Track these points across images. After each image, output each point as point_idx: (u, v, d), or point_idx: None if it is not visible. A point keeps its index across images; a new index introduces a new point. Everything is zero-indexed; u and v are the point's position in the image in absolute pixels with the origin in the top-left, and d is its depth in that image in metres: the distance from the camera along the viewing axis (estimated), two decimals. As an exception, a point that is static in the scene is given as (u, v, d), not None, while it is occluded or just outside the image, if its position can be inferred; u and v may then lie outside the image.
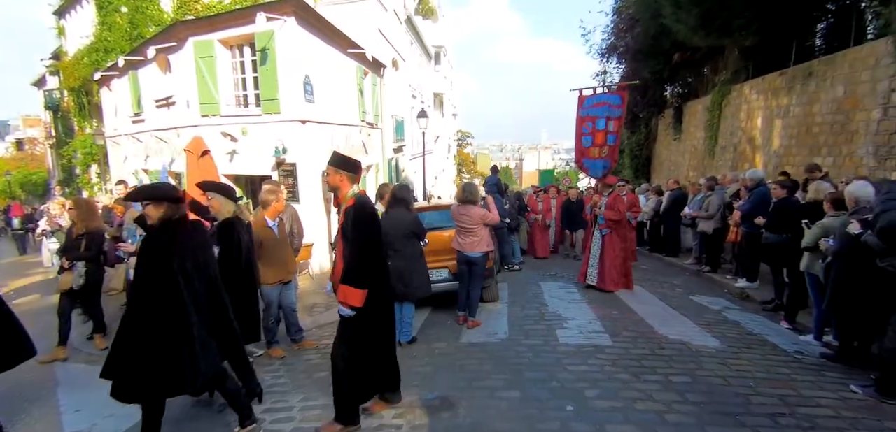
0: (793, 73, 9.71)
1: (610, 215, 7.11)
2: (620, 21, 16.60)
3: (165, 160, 11.60)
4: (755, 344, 4.90)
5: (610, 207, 7.18)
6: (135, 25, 15.46)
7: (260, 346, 5.27)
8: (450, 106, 38.39)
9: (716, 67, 13.78)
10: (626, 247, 7.57)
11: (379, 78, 14.90)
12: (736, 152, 12.06)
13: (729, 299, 6.84)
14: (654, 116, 18.26)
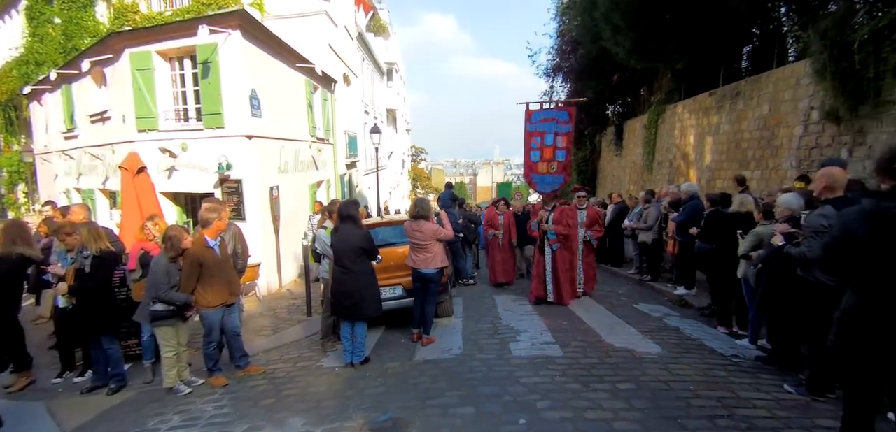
0: (721, 92, 10.49)
1: (559, 229, 7.07)
2: (564, 43, 17.38)
3: (99, 177, 10.85)
4: (694, 349, 5.15)
5: (558, 221, 7.12)
6: (68, 37, 14.57)
7: (201, 374, 4.98)
8: (403, 122, 38.47)
9: (651, 88, 14.68)
10: (574, 259, 7.53)
11: (330, 93, 14.69)
12: (671, 167, 12.83)
13: (669, 306, 7.19)
14: (598, 133, 19.18)
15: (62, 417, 4.36)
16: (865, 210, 2.31)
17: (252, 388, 4.76)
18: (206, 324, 4.78)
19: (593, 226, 7.81)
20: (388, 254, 5.99)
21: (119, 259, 5.44)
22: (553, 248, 7.11)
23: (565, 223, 7.10)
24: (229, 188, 9.19)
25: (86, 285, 4.70)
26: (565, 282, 7.15)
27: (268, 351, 6.03)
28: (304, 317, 7.39)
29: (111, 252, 4.92)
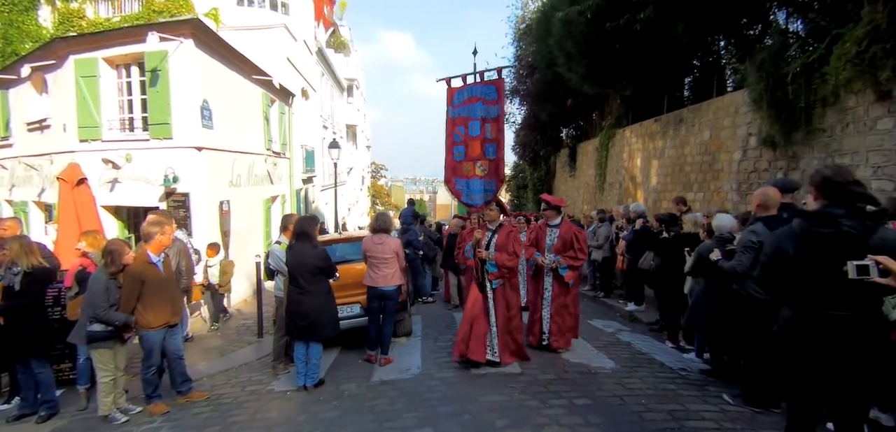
0: (666, 119, 11.09)
1: (502, 260, 5.05)
2: (521, 67, 17.89)
3: (35, 189, 10.05)
4: (645, 364, 5.33)
5: (502, 248, 5.10)
6: (8, 41, 13.64)
7: (138, 402, 4.64)
8: (363, 138, 38.18)
9: (603, 112, 15.34)
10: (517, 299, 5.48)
11: (287, 107, 14.39)
12: (621, 188, 13.38)
13: (621, 322, 7.42)
14: (553, 154, 19.78)
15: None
16: (795, 231, 2.47)
17: (195, 415, 4.48)
18: (145, 346, 4.47)
19: (567, 249, 5.59)
20: (346, 271, 5.86)
21: (53, 276, 5.04)
22: (493, 286, 5.14)
23: (511, 250, 5.11)
24: (175, 202, 8.75)
25: (15, 304, 4.34)
26: (503, 332, 5.17)
27: (214, 376, 5.72)
28: (255, 339, 7.08)
29: (44, 268, 4.56)
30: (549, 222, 5.86)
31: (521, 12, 18.33)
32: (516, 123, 20.66)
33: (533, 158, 20.41)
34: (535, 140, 19.34)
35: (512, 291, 5.30)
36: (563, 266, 5.55)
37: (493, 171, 5.48)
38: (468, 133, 5.56)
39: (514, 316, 5.26)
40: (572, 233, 5.68)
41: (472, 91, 5.57)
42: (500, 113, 5.52)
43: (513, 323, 5.24)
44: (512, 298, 5.26)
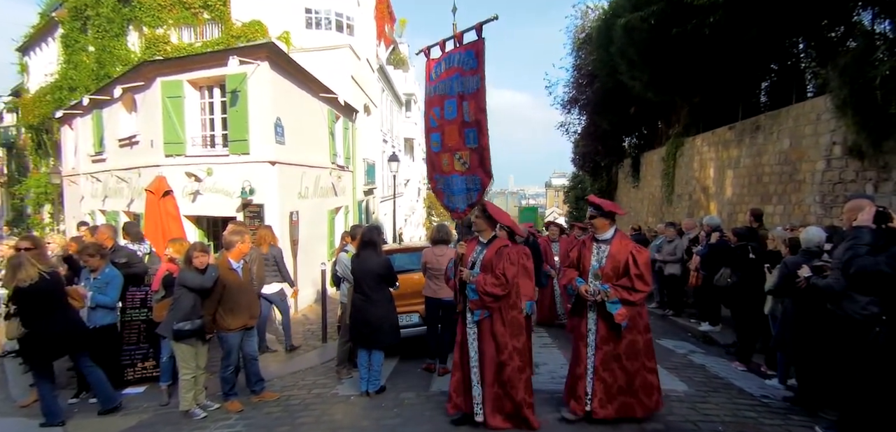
0: (741, 126, 10.40)
1: (485, 284, 3.83)
2: (580, 76, 17.51)
3: (125, 199, 11.14)
4: (722, 388, 4.98)
5: (487, 268, 3.91)
6: (101, 65, 15.19)
7: (216, 399, 4.96)
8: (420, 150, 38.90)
9: (669, 120, 14.63)
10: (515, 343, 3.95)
11: (351, 122, 14.99)
12: (691, 200, 12.65)
13: (693, 342, 6.98)
14: (615, 164, 19.10)
15: (77, 438, 4.33)
16: None
17: (267, 415, 4.72)
18: (225, 346, 4.79)
19: (621, 276, 3.88)
20: (405, 281, 5.95)
21: (136, 280, 5.52)
22: (475, 317, 3.94)
23: (500, 271, 3.83)
24: (251, 212, 9.35)
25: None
26: (492, 384, 3.88)
27: (282, 377, 6.00)
28: (319, 344, 7.37)
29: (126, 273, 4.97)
30: (596, 235, 4.06)
31: (581, 21, 18.00)
32: (576, 133, 20.20)
33: (593, 169, 19.84)
34: (596, 150, 18.79)
35: (507, 326, 3.88)
36: (614, 300, 3.77)
37: (476, 164, 4.22)
38: (444, 115, 4.42)
39: (511, 361, 3.82)
40: (628, 253, 3.87)
41: (450, 60, 4.35)
42: (480, 86, 4.10)
43: (507, 371, 3.81)
44: (505, 336, 3.86)
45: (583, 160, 20.32)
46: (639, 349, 3.87)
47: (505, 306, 3.89)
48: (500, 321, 3.89)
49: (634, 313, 3.83)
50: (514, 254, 3.94)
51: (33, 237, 6.09)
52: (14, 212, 22.55)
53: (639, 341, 3.88)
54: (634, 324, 3.85)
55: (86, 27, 15.67)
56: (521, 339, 3.96)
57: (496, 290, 3.78)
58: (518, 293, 4.01)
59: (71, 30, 16.01)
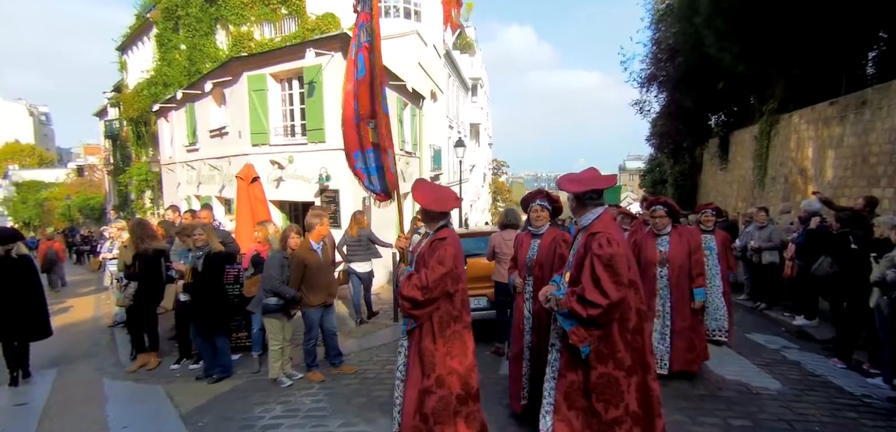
0: (845, 102, 9.28)
1: (404, 288, 3.07)
2: (659, 51, 16.40)
3: (217, 186, 12.18)
4: (819, 387, 4.58)
5: (425, 259, 3.08)
6: (192, 62, 16.50)
7: (300, 369, 5.34)
8: (485, 136, 38.74)
9: (762, 96, 13.33)
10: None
11: (418, 109, 15.24)
12: (787, 183, 11.51)
13: (787, 338, 6.43)
14: (698, 146, 17.75)
15: (179, 400, 4.88)
16: None
17: (345, 386, 5.01)
18: (306, 321, 5.14)
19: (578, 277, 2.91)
20: (472, 265, 6.01)
21: (230, 259, 6.03)
22: (403, 327, 3.22)
23: (431, 266, 2.99)
24: (328, 198, 9.87)
25: (198, 283, 5.23)
26: (412, 415, 3.03)
27: (358, 353, 6.32)
28: (391, 322, 7.66)
29: (220, 253, 5.44)
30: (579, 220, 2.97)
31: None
32: (653, 112, 19.01)
33: (674, 150, 18.51)
34: (677, 130, 17.49)
35: (438, 344, 2.99)
36: (564, 311, 2.74)
37: (384, 134, 3.71)
38: (356, 74, 3.75)
39: (437, 387, 2.95)
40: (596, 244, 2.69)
41: (364, 2, 3.72)
42: (374, 37, 3.47)
43: (431, 401, 2.94)
44: (434, 355, 2.97)
45: (661, 141, 19.03)
46: (619, 391, 2.65)
47: (439, 317, 2.99)
48: (430, 336, 2.98)
49: (594, 337, 2.66)
50: (449, 251, 2.98)
51: (141, 220, 6.87)
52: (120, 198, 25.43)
53: (620, 381, 2.65)
54: (609, 356, 2.67)
55: (177, 27, 17.10)
56: (466, 362, 3.05)
57: (413, 294, 2.93)
58: (465, 303, 3.12)
59: (164, 29, 17.51)
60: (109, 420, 4.53)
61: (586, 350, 2.66)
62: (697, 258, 4.62)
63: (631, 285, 2.64)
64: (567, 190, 2.90)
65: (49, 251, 13.71)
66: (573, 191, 2.87)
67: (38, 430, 4.41)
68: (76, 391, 5.44)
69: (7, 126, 60.80)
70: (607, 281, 2.58)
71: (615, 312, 2.61)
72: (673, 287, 4.60)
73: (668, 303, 4.65)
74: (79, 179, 44.90)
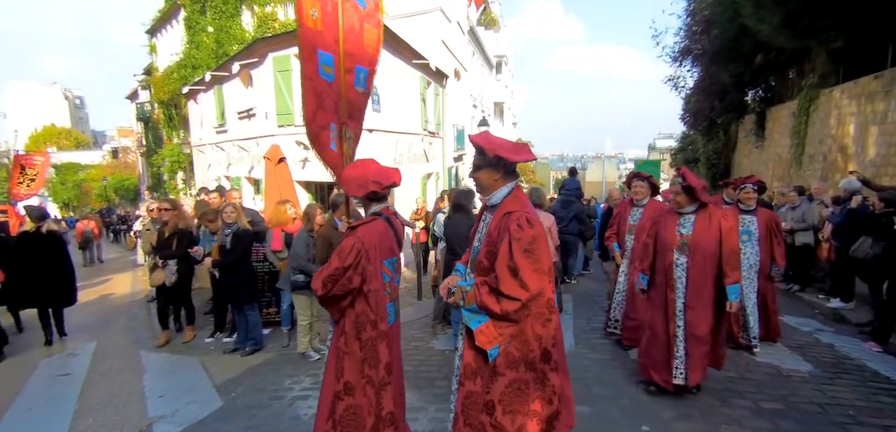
0: (890, 75, 8.78)
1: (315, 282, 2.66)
2: (694, 23, 15.76)
3: (246, 166, 12.44)
4: (853, 370, 4.44)
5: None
6: (220, 44, 16.72)
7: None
8: (510, 115, 38.24)
9: (802, 70, 12.72)
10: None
11: (441, 88, 15.13)
12: (826, 161, 11.03)
13: (821, 320, 6.24)
14: (734, 122, 17.10)
15: (213, 371, 5.07)
16: None
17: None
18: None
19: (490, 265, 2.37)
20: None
21: (259, 237, 6.20)
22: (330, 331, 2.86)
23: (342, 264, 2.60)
24: (351, 178, 9.97)
25: (225, 260, 5.39)
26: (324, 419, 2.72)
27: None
28: (414, 300, 7.75)
29: (248, 231, 5.59)
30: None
31: (697, -39, 16.06)
32: (687, 89, 18.36)
33: (708, 127, 17.86)
34: (712, 106, 16.84)
35: (352, 346, 2.65)
36: (470, 308, 2.30)
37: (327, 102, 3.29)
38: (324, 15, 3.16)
39: (346, 394, 2.63)
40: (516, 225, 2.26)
41: None
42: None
43: (340, 407, 2.63)
44: (345, 358, 2.66)
45: (695, 118, 18.37)
46: (525, 398, 2.27)
47: (355, 316, 2.65)
48: (342, 335, 2.69)
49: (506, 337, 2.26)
50: (350, 243, 2.60)
51: (172, 199, 7.10)
52: (153, 179, 26.23)
53: (530, 385, 2.28)
54: (521, 359, 2.27)
55: (205, 9, 17.28)
56: (377, 376, 2.66)
57: (324, 289, 2.59)
58: (379, 308, 2.66)
59: (192, 12, 17.71)
60: (146, 390, 4.74)
61: (495, 352, 2.25)
62: (731, 245, 3.55)
63: (549, 273, 2.27)
64: (478, 142, 2.36)
65: (86, 230, 14.61)
66: (505, 156, 2.32)
67: (79, 399, 4.67)
68: (115, 362, 5.72)
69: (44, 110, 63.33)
70: (527, 268, 2.17)
71: (533, 305, 2.23)
72: (691, 281, 3.63)
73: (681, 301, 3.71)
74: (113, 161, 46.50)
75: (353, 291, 2.60)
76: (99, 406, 4.46)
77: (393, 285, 2.82)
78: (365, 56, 3.46)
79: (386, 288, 2.72)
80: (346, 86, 3.35)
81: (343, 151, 3.46)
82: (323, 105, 3.24)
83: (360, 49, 3.41)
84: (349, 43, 3.28)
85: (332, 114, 3.35)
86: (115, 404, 4.47)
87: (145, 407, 4.34)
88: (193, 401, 4.35)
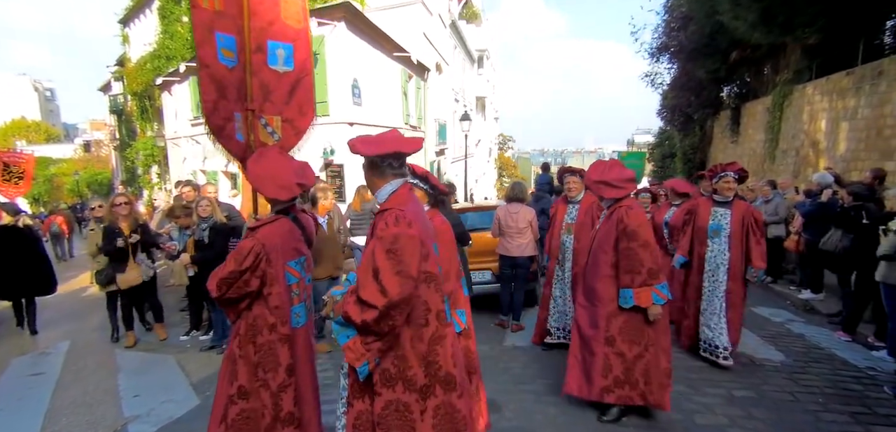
0: (861, 72, 9.07)
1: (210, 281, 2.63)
2: (672, 19, 16.00)
3: (222, 160, 12.19)
4: (823, 359, 4.59)
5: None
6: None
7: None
8: (492, 109, 38.35)
9: (777, 66, 13.04)
10: None
11: (423, 81, 15.06)
12: (798, 156, 11.35)
13: (792, 311, 6.43)
14: (709, 118, 17.48)
15: (189, 369, 4.97)
16: None
17: (351, 357, 5.07)
18: (313, 293, 5.17)
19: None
20: (478, 238, 6.00)
21: (236, 232, 6.06)
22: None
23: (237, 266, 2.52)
24: (333, 172, 9.86)
25: (205, 255, 5.26)
26: None
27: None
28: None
29: (226, 225, 5.46)
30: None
31: (675, -44, 16.26)
32: (664, 85, 18.66)
33: (684, 122, 18.21)
34: (688, 101, 17.17)
35: (246, 349, 2.59)
36: (338, 321, 2.06)
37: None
38: None
39: (239, 397, 2.57)
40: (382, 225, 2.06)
41: None
42: None
43: (233, 411, 2.57)
44: (238, 362, 2.60)
45: (672, 113, 18.70)
46: (409, 421, 2.03)
47: (251, 320, 2.58)
48: (237, 338, 2.62)
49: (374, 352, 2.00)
50: (247, 245, 2.51)
51: (127, 194, 6.90)
52: (127, 173, 25.52)
53: (411, 407, 2.03)
54: (397, 377, 2.03)
55: (179, -2, 16.82)
56: (277, 379, 2.56)
57: (218, 291, 2.53)
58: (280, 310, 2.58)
59: (165, 1, 17.18)
60: (121, 389, 4.61)
61: (364, 370, 2.00)
62: (627, 247, 3.18)
63: (428, 279, 2.02)
64: (359, 151, 2.13)
65: (52, 225, 14.38)
66: (367, 153, 2.12)
67: (52, 399, 4.52)
68: (89, 361, 5.55)
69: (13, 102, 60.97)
70: (388, 271, 1.91)
71: (399, 316, 1.94)
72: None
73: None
74: (86, 155, 45.11)
75: (251, 294, 2.52)
76: (72, 406, 4.32)
77: (302, 285, 2.73)
78: (284, 31, 3.14)
79: (293, 289, 2.64)
80: (255, 66, 3.04)
81: (252, 141, 3.15)
82: (225, 94, 2.98)
83: (277, 24, 3.10)
84: (258, 18, 3.00)
85: (236, 103, 3.06)
86: (88, 404, 4.34)
87: (120, 406, 4.22)
88: (169, 400, 4.25)
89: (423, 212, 2.22)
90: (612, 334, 3.24)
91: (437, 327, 2.05)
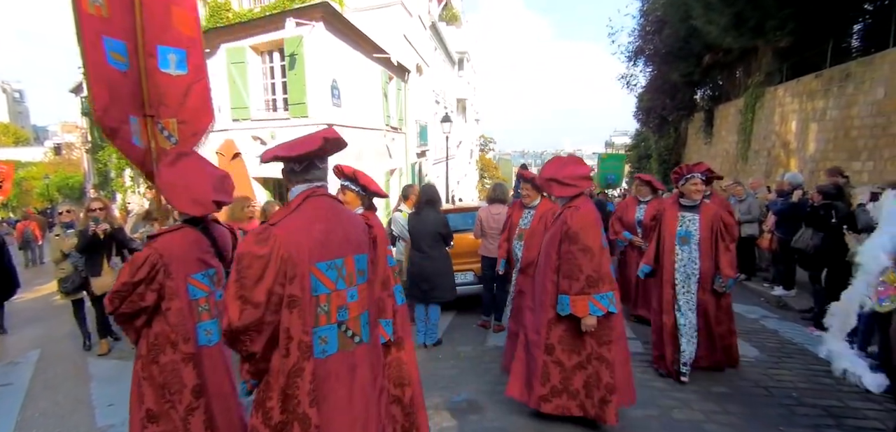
0: (829, 74, 9.39)
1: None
2: (648, 23, 16.34)
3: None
4: (796, 354, 4.71)
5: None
6: (169, 33, 15.88)
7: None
8: (472, 111, 38.48)
9: (749, 69, 13.43)
10: None
11: (403, 83, 15.01)
12: (770, 156, 11.69)
13: (766, 307, 6.59)
14: (684, 120, 17.91)
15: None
16: None
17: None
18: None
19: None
20: (460, 240, 6.00)
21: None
22: None
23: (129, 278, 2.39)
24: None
25: None
26: None
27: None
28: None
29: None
30: None
31: (650, -38, 16.63)
32: (640, 87, 19.05)
33: (659, 124, 18.67)
34: (663, 104, 17.62)
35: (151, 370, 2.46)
36: None
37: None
38: None
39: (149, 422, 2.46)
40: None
41: None
42: None
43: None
44: (142, 384, 2.48)
45: (647, 115, 19.15)
46: None
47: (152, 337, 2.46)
48: (140, 358, 2.51)
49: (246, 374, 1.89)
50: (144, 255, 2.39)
51: (101, 198, 6.70)
52: (100, 177, 24.74)
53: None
54: (258, 405, 1.90)
55: (153, -3, 16.40)
56: (183, 403, 2.45)
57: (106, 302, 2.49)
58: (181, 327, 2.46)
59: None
60: (94, 398, 4.46)
61: (242, 387, 1.94)
62: (567, 250, 3.03)
63: (291, 303, 1.75)
64: (268, 158, 1.92)
65: (25, 231, 13.96)
66: (265, 161, 1.95)
67: (22, 410, 4.33)
68: (60, 370, 5.34)
69: (-22, 104, 58.64)
70: (231, 296, 1.72)
71: (251, 343, 1.76)
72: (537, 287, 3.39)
73: None
74: (56, 158, 43.60)
75: (147, 310, 2.36)
76: (42, 417, 4.15)
77: (212, 300, 2.55)
78: (176, 37, 3.16)
79: (200, 304, 2.49)
80: (148, 71, 3.01)
81: (153, 146, 3.08)
82: (117, 96, 2.90)
83: (168, 30, 3.11)
84: (149, 24, 3.00)
85: (131, 107, 2.99)
86: (60, 415, 4.17)
87: (93, 416, 4.08)
88: (141, 410, 4.11)
89: (322, 222, 1.87)
90: (552, 342, 3.10)
91: (298, 358, 1.77)
